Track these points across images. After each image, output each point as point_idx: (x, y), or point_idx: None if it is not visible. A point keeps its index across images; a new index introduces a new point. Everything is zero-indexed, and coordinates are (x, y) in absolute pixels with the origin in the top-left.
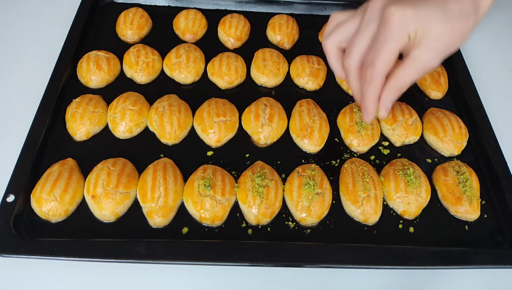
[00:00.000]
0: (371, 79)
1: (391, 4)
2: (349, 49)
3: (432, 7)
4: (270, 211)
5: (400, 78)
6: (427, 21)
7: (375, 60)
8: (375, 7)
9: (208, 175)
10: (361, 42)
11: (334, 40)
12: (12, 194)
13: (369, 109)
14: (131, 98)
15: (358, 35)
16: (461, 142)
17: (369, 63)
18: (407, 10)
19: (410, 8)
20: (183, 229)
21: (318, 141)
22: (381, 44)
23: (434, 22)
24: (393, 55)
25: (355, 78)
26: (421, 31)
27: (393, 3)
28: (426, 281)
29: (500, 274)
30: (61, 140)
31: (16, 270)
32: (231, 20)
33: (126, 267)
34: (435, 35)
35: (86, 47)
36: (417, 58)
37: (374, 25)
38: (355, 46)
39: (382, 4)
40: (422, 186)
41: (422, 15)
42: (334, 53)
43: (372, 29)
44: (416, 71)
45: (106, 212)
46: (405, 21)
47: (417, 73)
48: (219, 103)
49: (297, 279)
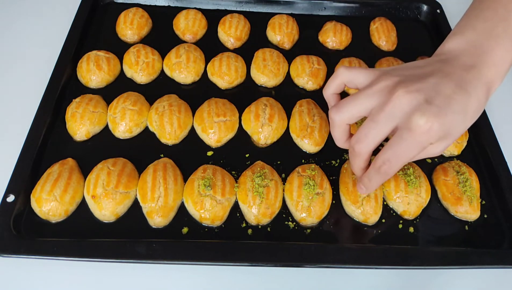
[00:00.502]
0: (385, 174)
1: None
2: (364, 137)
3: (457, 114)
4: (270, 211)
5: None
6: (451, 129)
7: (393, 159)
8: (401, 107)
9: (208, 175)
10: (378, 135)
11: (344, 116)
12: (12, 194)
13: (370, 190)
14: (131, 98)
15: (376, 126)
16: (461, 142)
17: (386, 159)
18: (435, 125)
19: (438, 122)
20: (183, 229)
21: (318, 141)
22: (403, 149)
23: (456, 127)
24: (411, 158)
25: (364, 161)
26: (443, 137)
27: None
28: (426, 281)
29: (500, 274)
30: (61, 140)
31: (16, 270)
32: (231, 20)
33: (126, 267)
34: (452, 136)
35: (86, 47)
36: (428, 150)
37: (394, 124)
38: (371, 137)
39: (409, 107)
40: (422, 186)
41: (447, 125)
42: (342, 128)
43: (391, 126)
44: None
45: (106, 212)
46: (431, 134)
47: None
48: (219, 103)
49: (297, 279)
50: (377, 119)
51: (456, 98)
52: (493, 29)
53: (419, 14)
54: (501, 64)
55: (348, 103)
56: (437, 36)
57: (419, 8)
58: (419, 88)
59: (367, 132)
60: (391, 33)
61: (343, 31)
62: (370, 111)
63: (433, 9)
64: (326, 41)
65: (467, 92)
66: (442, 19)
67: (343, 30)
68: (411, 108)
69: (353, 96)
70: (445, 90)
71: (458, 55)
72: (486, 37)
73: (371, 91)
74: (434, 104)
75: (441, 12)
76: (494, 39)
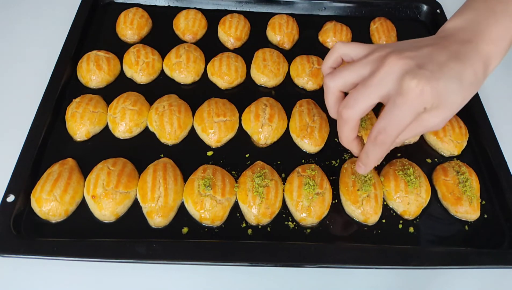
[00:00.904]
0: (382, 144)
1: (410, 76)
2: (354, 101)
3: (450, 78)
4: (270, 211)
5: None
6: (444, 95)
7: (388, 127)
8: (392, 71)
9: (208, 175)
10: (368, 100)
11: (338, 82)
12: (12, 194)
13: (370, 166)
14: (131, 98)
15: (366, 91)
16: (461, 142)
17: (381, 128)
18: (427, 87)
19: (430, 85)
20: (183, 229)
21: (318, 141)
22: (396, 114)
23: (450, 94)
24: (407, 125)
25: (352, 129)
26: (437, 103)
27: (413, 76)
28: (426, 281)
29: (500, 274)
30: (61, 140)
31: (16, 270)
32: (231, 20)
33: (126, 267)
34: (448, 105)
35: (86, 47)
36: (426, 120)
37: (385, 89)
38: (361, 101)
39: (401, 71)
40: (422, 186)
41: (440, 90)
42: (335, 95)
43: (383, 92)
44: (421, 131)
45: (106, 212)
46: (423, 97)
47: (421, 132)
48: (219, 103)
49: (297, 279)
50: (368, 84)
51: (449, 65)
52: (492, 8)
53: (419, 14)
54: (500, 41)
55: (342, 70)
56: None
57: (419, 8)
58: (411, 56)
59: (356, 97)
60: (391, 33)
61: (343, 31)
62: (363, 78)
63: (433, 9)
64: (326, 41)
65: (462, 62)
66: (442, 19)
67: (343, 30)
68: (403, 72)
69: (348, 64)
70: (439, 58)
71: (456, 32)
72: (485, 15)
73: (365, 60)
74: (426, 69)
75: (441, 12)
76: (493, 17)
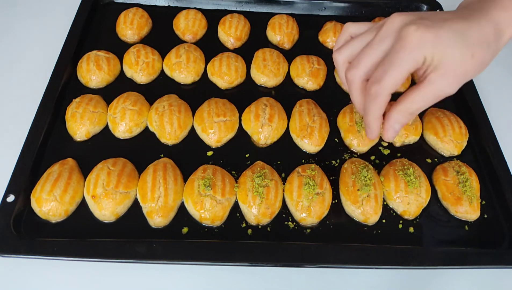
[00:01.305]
0: (375, 96)
1: (410, 24)
2: (356, 61)
3: (454, 32)
4: (270, 211)
5: (414, 102)
6: (447, 46)
7: (383, 77)
8: (393, 24)
9: (208, 175)
10: (371, 56)
11: (345, 54)
12: (12, 194)
13: (371, 126)
14: (131, 98)
15: (368, 48)
16: (461, 142)
17: (376, 79)
18: (427, 33)
19: (430, 31)
20: (183, 229)
21: (318, 141)
22: (393, 61)
23: (454, 47)
24: (404, 75)
25: (358, 90)
26: (439, 56)
27: (412, 23)
28: (426, 281)
29: (500, 274)
30: (61, 140)
31: (16, 270)
32: (231, 20)
33: (126, 267)
34: (454, 61)
35: (86, 47)
36: (434, 83)
37: (388, 42)
38: (363, 59)
39: (401, 23)
40: (422, 186)
41: (442, 39)
42: (344, 67)
43: (385, 46)
44: (431, 97)
45: (106, 212)
46: (423, 42)
47: (433, 99)
48: (219, 103)
49: (297, 279)
50: (371, 43)
51: (453, 20)
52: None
53: None
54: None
55: (349, 42)
56: None
57: (419, 8)
58: (414, 13)
59: (359, 58)
60: None
61: None
62: None
63: (433, 9)
64: (326, 41)
65: (467, 20)
66: None
67: None
68: (404, 23)
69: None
70: (443, 15)
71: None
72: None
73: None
74: (428, 20)
75: None
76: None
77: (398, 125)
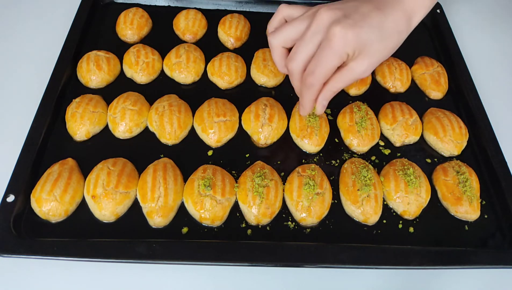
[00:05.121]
0: (310, 85)
1: (336, 24)
2: (294, 54)
3: (371, 28)
4: (270, 211)
5: (336, 83)
6: (366, 43)
7: (316, 70)
8: (322, 22)
9: (208, 175)
10: (305, 51)
11: (280, 39)
12: (12, 194)
13: (306, 107)
14: (131, 98)
15: (303, 43)
16: (461, 142)
17: (310, 71)
18: (349, 34)
19: (352, 32)
20: (183, 229)
21: (318, 141)
22: (322, 58)
23: (372, 43)
24: (332, 68)
25: (297, 79)
26: (359, 50)
27: (338, 23)
28: (426, 281)
29: (500, 274)
30: (61, 140)
31: (16, 270)
32: (231, 20)
33: (126, 267)
34: (370, 52)
35: (86, 47)
36: (353, 68)
37: (318, 38)
38: (299, 53)
39: (328, 21)
40: (422, 186)
41: (362, 38)
42: (279, 51)
43: (316, 41)
44: (350, 79)
45: (106, 212)
46: (346, 43)
47: (351, 80)
48: (219, 103)
49: (297, 279)
50: (304, 37)
51: (371, 16)
52: None
53: None
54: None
55: (283, 27)
56: (437, 36)
57: None
58: (339, 8)
59: (296, 50)
60: None
61: None
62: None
63: (433, 9)
64: None
65: (383, 12)
66: (442, 19)
67: None
68: (331, 21)
69: (288, 22)
70: (363, 9)
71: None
72: None
73: (302, 17)
74: (351, 18)
75: (441, 12)
76: None
77: (325, 101)
